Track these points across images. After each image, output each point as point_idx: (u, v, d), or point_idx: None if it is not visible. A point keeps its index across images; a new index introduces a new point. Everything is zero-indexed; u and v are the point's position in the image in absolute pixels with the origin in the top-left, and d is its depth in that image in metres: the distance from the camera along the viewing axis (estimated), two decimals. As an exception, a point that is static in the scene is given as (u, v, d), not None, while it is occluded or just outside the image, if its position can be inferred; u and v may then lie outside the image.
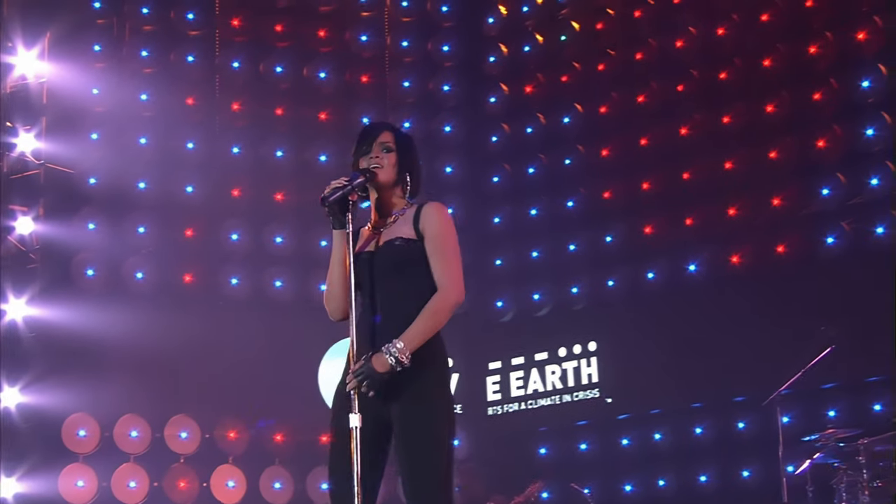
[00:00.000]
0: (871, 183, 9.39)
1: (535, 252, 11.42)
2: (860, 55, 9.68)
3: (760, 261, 9.90)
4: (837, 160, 9.57)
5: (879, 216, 9.26)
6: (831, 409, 9.16)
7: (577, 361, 10.98)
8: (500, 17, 12.22)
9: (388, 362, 3.95)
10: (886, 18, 9.57)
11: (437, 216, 4.20)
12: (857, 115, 9.55)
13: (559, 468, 10.83)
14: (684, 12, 10.95)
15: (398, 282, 4.12)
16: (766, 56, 10.21)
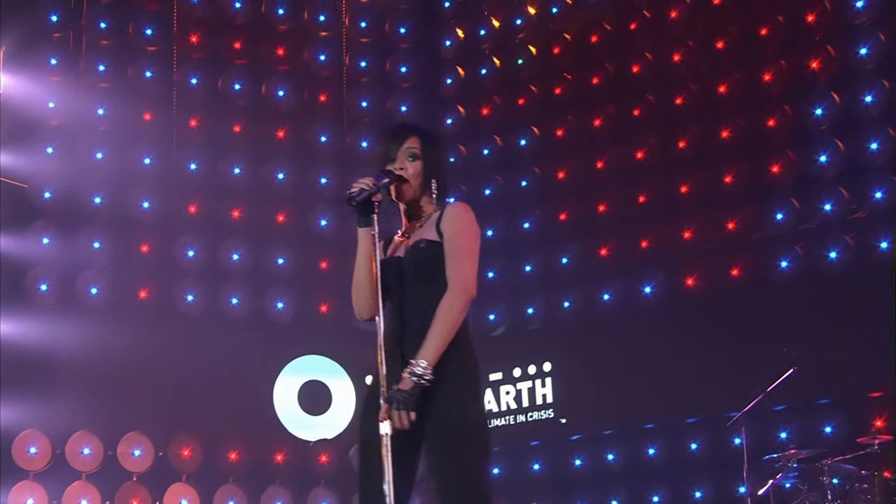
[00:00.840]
0: (825, 208, 9.37)
1: (491, 273, 11.26)
2: (813, 82, 9.67)
3: (714, 283, 9.83)
4: (791, 185, 9.56)
5: (832, 240, 9.22)
6: (783, 431, 9.08)
7: (531, 382, 10.84)
8: (457, 39, 12.13)
9: (411, 382, 3.82)
10: (838, 47, 9.59)
11: (457, 216, 4.03)
12: (811, 140, 9.54)
13: (512, 488, 10.68)
14: (640, 38, 10.92)
15: (423, 286, 3.98)
16: (721, 82, 10.19)
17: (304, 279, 10.98)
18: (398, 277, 4.01)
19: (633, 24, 11.01)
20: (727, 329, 9.54)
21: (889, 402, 8.56)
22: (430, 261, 3.97)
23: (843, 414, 8.92)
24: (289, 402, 10.79)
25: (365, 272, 4.08)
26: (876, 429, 7.99)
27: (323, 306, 11.01)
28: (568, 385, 10.56)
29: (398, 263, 4.05)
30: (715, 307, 9.75)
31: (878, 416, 8.60)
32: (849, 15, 9.63)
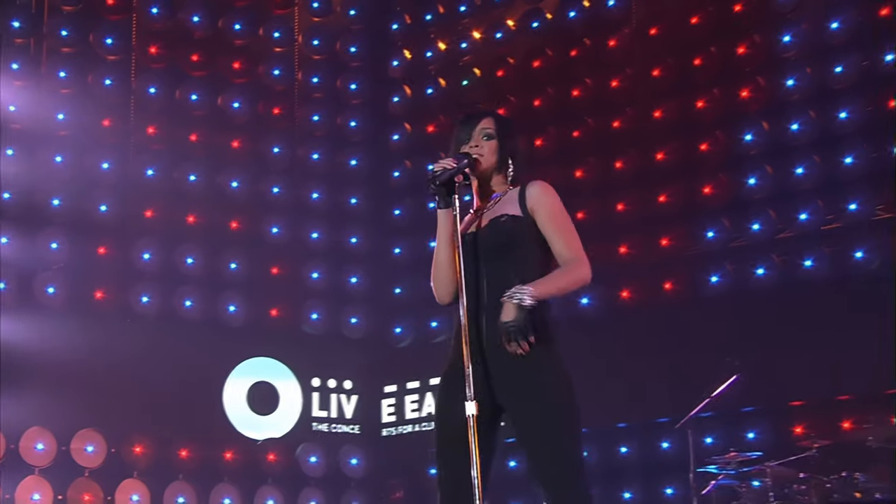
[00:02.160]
0: (753, 228, 9.54)
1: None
2: (744, 111, 9.86)
3: (648, 296, 9.93)
4: (722, 206, 9.70)
5: (761, 258, 9.39)
6: (710, 436, 9.12)
7: (437, 392, 10.82)
8: (404, 60, 12.14)
9: (512, 304, 3.57)
10: (768, 79, 9.79)
11: (547, 193, 3.85)
12: (741, 164, 9.71)
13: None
14: (581, 65, 11.03)
15: (504, 261, 3.77)
16: (658, 107, 10.33)
17: (256, 284, 10.85)
18: (472, 253, 3.80)
19: (574, 51, 11.10)
20: (659, 340, 9.61)
21: (810, 410, 8.76)
22: (511, 234, 3.77)
23: (769, 420, 9.02)
24: (238, 402, 10.64)
25: (445, 255, 3.91)
26: (801, 435, 8.13)
27: (273, 310, 10.90)
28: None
29: (472, 240, 3.84)
30: (648, 319, 9.82)
31: (798, 424, 8.81)
32: (777, 49, 9.84)
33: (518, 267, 3.73)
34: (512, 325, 3.53)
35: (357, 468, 10.88)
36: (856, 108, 9.29)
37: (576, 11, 11.13)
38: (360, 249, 11.53)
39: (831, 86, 9.46)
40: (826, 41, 9.61)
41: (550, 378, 3.70)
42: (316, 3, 12.04)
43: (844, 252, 9.04)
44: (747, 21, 10.10)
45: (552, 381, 3.69)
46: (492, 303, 3.69)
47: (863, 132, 9.24)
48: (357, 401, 11.21)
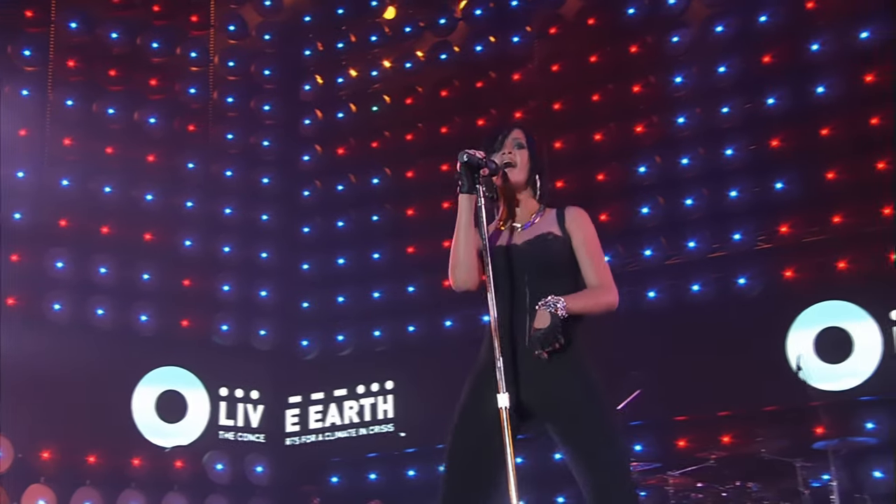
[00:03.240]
0: (645, 254, 9.78)
1: (342, 297, 11.22)
2: (639, 145, 10.12)
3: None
4: (617, 232, 9.88)
5: (653, 282, 9.62)
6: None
7: (374, 398, 10.80)
8: (316, 85, 12.08)
9: (547, 312, 3.45)
10: (661, 116, 10.08)
11: (585, 219, 3.75)
12: (635, 194, 9.95)
13: (349, 496, 10.60)
14: (486, 96, 11.16)
15: (546, 277, 3.63)
16: (559, 139, 10.51)
17: (168, 295, 10.62)
18: (511, 265, 3.64)
19: (480, 83, 11.24)
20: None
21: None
22: (557, 253, 3.67)
23: (655, 434, 9.17)
24: (147, 409, 10.36)
25: (465, 241, 3.69)
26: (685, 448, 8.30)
27: (184, 321, 10.67)
28: (408, 402, 10.57)
29: (510, 252, 3.68)
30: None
31: (683, 437, 9.02)
32: (669, 89, 10.15)
33: (560, 282, 3.62)
34: (544, 331, 3.44)
35: (262, 476, 10.71)
36: (740, 146, 9.66)
37: (482, 46, 11.29)
38: (269, 264, 11.40)
39: (718, 125, 9.80)
40: (714, 84, 9.97)
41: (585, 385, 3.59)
42: (232, 26, 11.92)
43: (728, 278, 9.34)
44: (642, 62, 10.39)
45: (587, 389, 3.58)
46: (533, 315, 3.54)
47: (746, 168, 9.61)
48: (263, 410, 11.05)
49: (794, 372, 7.56)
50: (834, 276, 9.03)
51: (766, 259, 9.31)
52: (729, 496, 6.99)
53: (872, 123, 9.17)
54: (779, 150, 9.54)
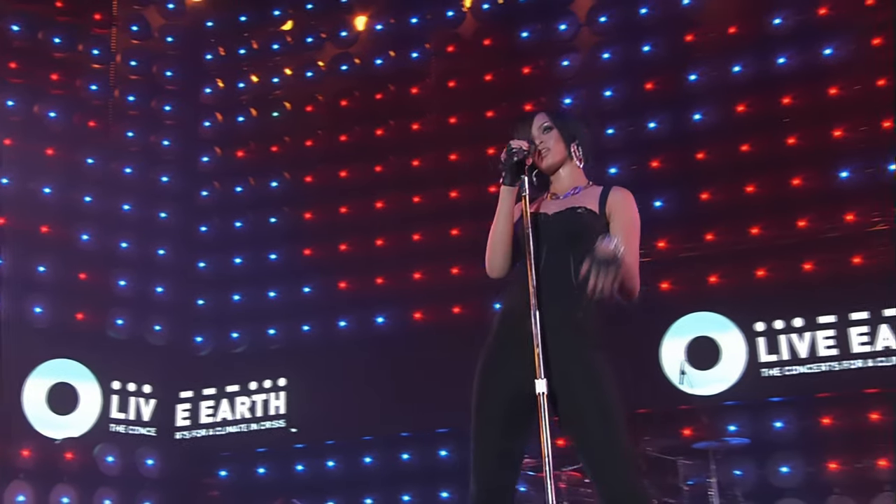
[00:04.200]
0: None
1: (237, 296, 11.01)
2: (530, 161, 10.24)
3: (439, 318, 10.08)
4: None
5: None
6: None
7: (266, 395, 10.62)
8: (217, 88, 11.86)
9: (612, 245, 3.23)
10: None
11: (628, 201, 3.59)
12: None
13: (237, 490, 10.40)
14: (385, 107, 11.15)
15: (571, 248, 3.45)
16: (454, 151, 10.58)
17: (63, 288, 10.20)
18: (536, 235, 3.45)
19: (379, 94, 11.22)
20: (448, 357, 9.67)
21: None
22: (585, 227, 3.48)
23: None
24: (38, 401, 9.93)
25: (503, 230, 3.58)
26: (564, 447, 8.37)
27: (79, 314, 10.27)
28: (300, 399, 10.43)
29: (541, 222, 3.52)
30: (439, 337, 9.87)
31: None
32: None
33: (577, 258, 3.38)
34: (608, 259, 3.22)
35: (152, 469, 10.40)
36: (623, 166, 9.91)
37: (382, 60, 11.27)
38: (166, 261, 11.09)
39: (604, 145, 10.01)
40: (600, 106, 10.21)
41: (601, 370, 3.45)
42: (135, 26, 11.59)
43: (611, 289, 9.51)
44: (534, 83, 10.56)
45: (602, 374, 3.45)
46: (549, 287, 3.40)
47: (628, 187, 9.74)
48: (155, 405, 10.73)
49: (676, 378, 7.76)
50: (705, 289, 9.34)
51: (643, 271, 9.50)
52: None
53: (743, 150, 9.54)
54: (658, 171, 9.82)
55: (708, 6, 10.18)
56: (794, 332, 8.98)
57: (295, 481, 10.36)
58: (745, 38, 9.93)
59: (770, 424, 8.97)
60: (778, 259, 9.16)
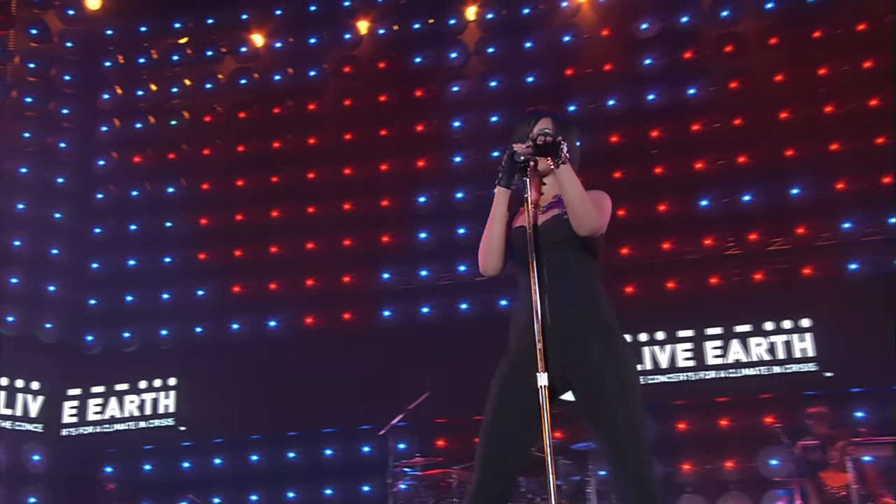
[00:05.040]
0: (421, 274, 10.10)
1: (130, 297, 10.80)
2: (419, 178, 10.48)
3: (329, 323, 10.13)
4: (397, 254, 10.18)
5: (427, 299, 9.94)
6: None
7: (156, 394, 10.45)
8: (115, 94, 11.65)
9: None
10: (440, 154, 10.48)
11: (600, 198, 3.54)
12: (414, 221, 10.28)
13: (122, 485, 10.18)
14: (282, 122, 11.16)
15: (563, 254, 3.46)
16: (348, 166, 10.69)
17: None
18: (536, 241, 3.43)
19: (277, 109, 11.23)
20: (337, 360, 9.77)
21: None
22: (572, 233, 3.45)
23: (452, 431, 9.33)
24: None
25: (498, 231, 3.55)
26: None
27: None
28: (190, 399, 10.30)
29: (532, 232, 3.45)
30: (328, 342, 9.93)
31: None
32: (449, 131, 10.59)
33: (574, 261, 3.47)
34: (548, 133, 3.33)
35: (38, 465, 10.07)
36: (507, 187, 10.18)
37: (281, 76, 11.30)
38: (59, 261, 10.79)
39: (490, 168, 10.30)
40: (487, 130, 10.50)
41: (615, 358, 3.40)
42: (34, 29, 11.30)
43: (492, 299, 9.82)
44: (426, 106, 10.79)
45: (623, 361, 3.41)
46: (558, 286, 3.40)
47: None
48: (43, 401, 10.40)
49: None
50: (579, 302, 9.68)
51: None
52: None
53: (615, 176, 9.98)
54: (538, 193, 10.15)
55: (586, 45, 10.61)
56: (657, 345, 9.42)
57: (181, 478, 10.21)
58: (619, 75, 10.40)
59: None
60: (644, 277, 9.59)
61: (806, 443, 7.23)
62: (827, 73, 9.92)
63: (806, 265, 9.27)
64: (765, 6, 10.28)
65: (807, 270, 9.27)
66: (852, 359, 8.59)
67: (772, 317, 9.07)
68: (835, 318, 8.81)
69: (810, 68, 9.96)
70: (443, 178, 10.38)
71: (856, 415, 8.66)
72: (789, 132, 9.74)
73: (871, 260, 9.07)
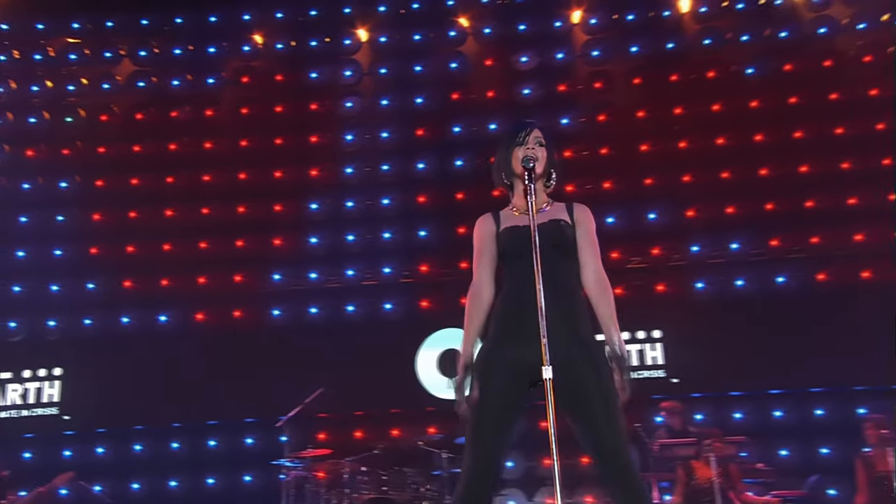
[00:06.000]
0: (311, 276, 10.13)
1: (18, 287, 10.40)
2: (313, 186, 10.53)
3: (219, 320, 10.02)
4: (288, 257, 10.18)
5: (315, 300, 9.98)
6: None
7: (40, 383, 10.09)
8: (9, 88, 11.22)
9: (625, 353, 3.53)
10: (332, 165, 10.57)
11: (589, 215, 3.78)
12: (306, 227, 10.33)
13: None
14: (178, 125, 11.01)
15: (558, 256, 3.59)
16: (243, 171, 10.64)
17: None
18: (525, 245, 3.50)
19: (174, 112, 11.08)
20: (225, 356, 9.68)
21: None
22: (569, 239, 3.66)
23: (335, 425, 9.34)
24: None
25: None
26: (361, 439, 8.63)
27: None
28: (75, 389, 10.00)
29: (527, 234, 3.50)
30: (218, 338, 9.84)
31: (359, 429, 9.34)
32: (341, 144, 10.70)
33: (568, 263, 3.66)
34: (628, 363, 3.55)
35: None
36: (395, 198, 10.41)
37: (179, 81, 11.16)
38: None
39: (379, 180, 10.52)
40: (377, 146, 10.68)
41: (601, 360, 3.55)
42: (-72, 19, 10.79)
43: (376, 303, 9.97)
44: (320, 119, 10.87)
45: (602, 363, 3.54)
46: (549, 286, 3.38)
47: (398, 216, 10.36)
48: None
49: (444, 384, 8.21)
50: (458, 308, 9.93)
51: (407, 291, 10.05)
52: (388, 479, 7.32)
53: (495, 195, 10.29)
54: (423, 206, 10.41)
55: (472, 72, 10.95)
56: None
57: (63, 467, 9.85)
58: (500, 102, 10.78)
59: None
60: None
61: (663, 441, 7.67)
62: (682, 112, 10.58)
63: (659, 282, 9.83)
64: (630, 49, 10.89)
65: (660, 287, 9.84)
66: (696, 367, 9.19)
67: (628, 328, 9.58)
68: (683, 331, 9.40)
69: (668, 107, 10.60)
70: (334, 187, 10.47)
71: (695, 417, 9.25)
72: (648, 163, 10.33)
73: (715, 280, 9.74)
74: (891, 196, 9.84)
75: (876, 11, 10.68)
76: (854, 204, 9.85)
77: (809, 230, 9.80)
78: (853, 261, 9.47)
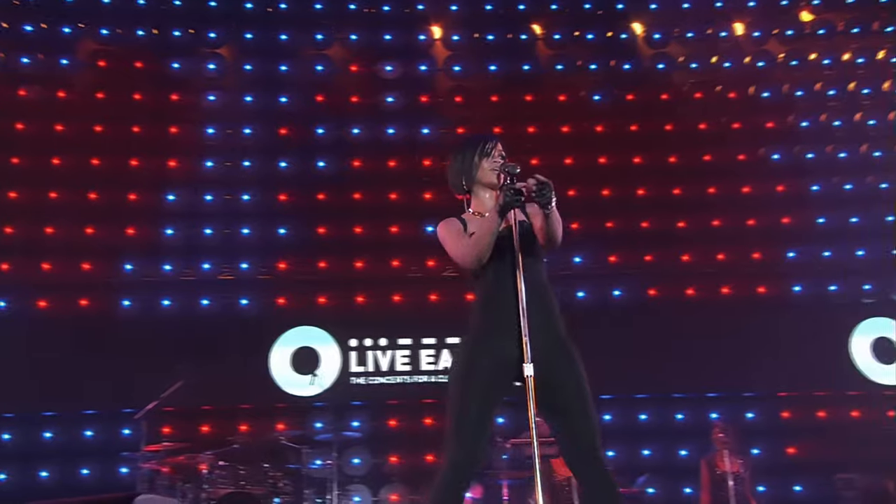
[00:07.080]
0: (165, 268, 9.48)
1: None
2: (171, 178, 9.85)
3: (65, 310, 9.18)
4: (139, 246, 9.47)
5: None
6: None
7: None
8: None
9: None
10: (192, 157, 9.93)
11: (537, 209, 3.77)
12: (162, 218, 9.64)
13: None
14: (29, 106, 10.01)
15: (532, 253, 3.69)
16: (96, 157, 9.83)
17: None
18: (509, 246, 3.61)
19: (22, 91, 10.06)
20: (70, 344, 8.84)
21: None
22: (537, 237, 3.75)
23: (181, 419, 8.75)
24: None
25: (493, 239, 3.62)
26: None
27: None
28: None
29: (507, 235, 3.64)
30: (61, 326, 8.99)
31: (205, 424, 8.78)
32: (203, 137, 10.06)
33: (539, 258, 3.76)
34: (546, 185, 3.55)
35: None
36: (256, 194, 9.90)
37: (29, 60, 10.17)
38: None
39: (239, 175, 9.98)
40: (240, 141, 10.16)
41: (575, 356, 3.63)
42: None
43: (233, 297, 9.46)
44: (180, 110, 10.18)
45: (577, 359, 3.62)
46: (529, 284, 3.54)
47: (259, 213, 9.85)
48: None
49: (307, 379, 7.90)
50: (314, 307, 9.58)
51: (264, 287, 9.57)
52: (246, 473, 6.97)
53: (355, 197, 10.01)
54: (284, 204, 9.95)
55: (337, 76, 10.58)
56: (379, 350, 9.54)
57: None
58: (364, 107, 10.49)
59: (350, 424, 9.34)
60: (374, 290, 9.68)
61: (517, 440, 7.59)
62: (535, 131, 10.64)
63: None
64: (489, 67, 10.86)
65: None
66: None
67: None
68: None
69: (522, 125, 10.63)
70: (193, 179, 9.83)
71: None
72: (501, 177, 10.27)
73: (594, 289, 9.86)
74: (715, 222, 10.33)
75: (707, 53, 11.15)
76: (683, 227, 10.24)
77: (644, 248, 10.10)
78: (713, 278, 9.88)
